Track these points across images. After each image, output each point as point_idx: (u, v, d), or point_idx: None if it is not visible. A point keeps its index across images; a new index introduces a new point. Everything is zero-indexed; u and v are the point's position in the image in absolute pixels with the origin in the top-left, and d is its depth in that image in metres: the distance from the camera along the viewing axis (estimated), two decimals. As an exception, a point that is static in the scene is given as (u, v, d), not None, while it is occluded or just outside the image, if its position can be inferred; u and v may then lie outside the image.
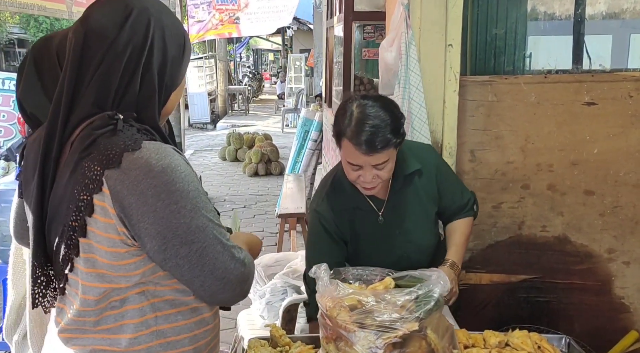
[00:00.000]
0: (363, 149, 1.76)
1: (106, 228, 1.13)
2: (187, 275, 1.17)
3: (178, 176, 1.13)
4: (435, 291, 1.57)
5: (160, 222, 1.11)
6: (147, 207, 1.10)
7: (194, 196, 1.15)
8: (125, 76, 1.17)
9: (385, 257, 2.00)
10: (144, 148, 1.12)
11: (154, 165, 1.11)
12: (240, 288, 1.23)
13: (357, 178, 1.85)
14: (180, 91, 1.30)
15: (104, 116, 1.15)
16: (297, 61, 17.76)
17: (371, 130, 1.74)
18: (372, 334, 1.51)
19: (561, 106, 2.51)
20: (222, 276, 1.19)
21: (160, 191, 1.11)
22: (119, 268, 1.15)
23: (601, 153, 2.51)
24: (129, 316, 1.19)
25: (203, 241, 1.15)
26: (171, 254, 1.14)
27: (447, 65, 2.47)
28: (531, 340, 1.75)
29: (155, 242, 1.13)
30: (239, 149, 10.68)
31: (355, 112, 1.78)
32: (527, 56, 3.09)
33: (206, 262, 1.16)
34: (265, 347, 1.75)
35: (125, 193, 1.10)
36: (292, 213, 5.18)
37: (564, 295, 2.61)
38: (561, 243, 2.59)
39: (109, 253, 1.14)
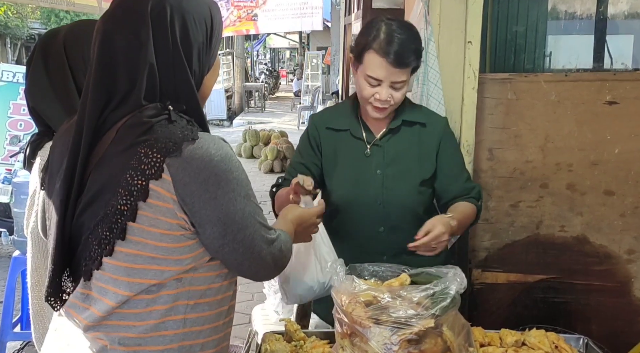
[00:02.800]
0: (391, 60, 1.79)
1: (163, 212, 1.16)
2: (239, 258, 1.24)
3: (234, 166, 1.20)
4: (452, 289, 1.56)
5: (221, 209, 1.18)
6: (209, 195, 1.16)
7: (246, 184, 1.24)
8: (161, 68, 1.19)
9: (358, 195, 1.97)
10: (202, 138, 1.18)
11: (214, 154, 1.17)
12: (275, 266, 1.34)
13: (372, 95, 1.85)
14: (214, 74, 1.33)
15: (156, 106, 1.18)
16: (314, 58, 17.76)
17: (401, 43, 1.80)
18: (387, 330, 1.50)
19: (582, 105, 2.48)
20: (265, 257, 1.28)
21: (220, 180, 1.17)
22: (172, 251, 1.19)
23: (622, 152, 2.48)
24: (161, 301, 1.21)
25: (253, 225, 1.24)
26: (230, 239, 1.21)
27: (466, 62, 2.44)
28: (548, 339, 1.73)
29: (216, 228, 1.19)
30: (254, 146, 10.71)
31: (384, 27, 1.82)
32: (547, 54, 3.06)
33: (256, 245, 1.25)
34: (280, 341, 1.75)
35: (188, 181, 1.15)
36: (307, 210, 5.17)
37: (582, 296, 2.58)
38: (580, 244, 2.56)
39: (164, 235, 1.17)
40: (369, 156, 1.98)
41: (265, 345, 1.73)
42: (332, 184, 2.02)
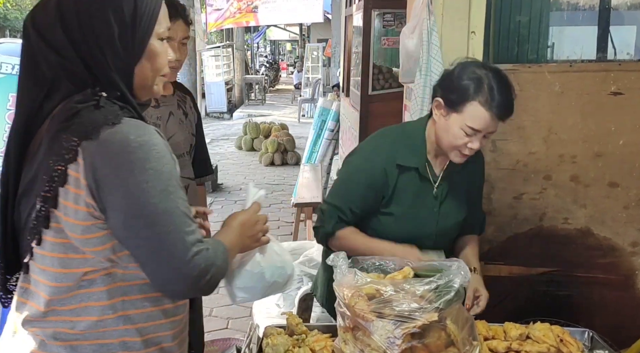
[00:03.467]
0: (496, 113, 1.76)
1: (76, 200, 1.13)
2: (143, 257, 1.15)
3: (154, 155, 1.13)
4: (456, 282, 1.54)
5: (129, 197, 1.11)
6: (119, 181, 1.10)
7: (167, 179, 1.14)
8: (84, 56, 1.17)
9: (413, 231, 1.97)
10: (124, 123, 1.13)
11: (132, 140, 1.12)
12: (196, 283, 1.18)
13: (464, 145, 1.82)
14: (151, 64, 1.25)
15: (86, 92, 1.16)
16: (315, 50, 17.70)
17: (505, 96, 1.77)
18: (390, 324, 1.49)
19: (586, 95, 2.45)
20: (176, 267, 1.15)
21: (134, 168, 1.11)
22: (85, 242, 1.15)
23: (627, 144, 2.45)
24: (95, 298, 1.18)
25: (167, 226, 1.13)
26: (133, 233, 1.13)
27: (470, 52, 2.42)
28: (553, 333, 1.71)
29: (119, 218, 1.12)
30: (255, 139, 10.68)
31: (486, 79, 1.77)
32: (549, 45, 3.03)
33: (164, 249, 1.14)
34: (281, 335, 1.73)
35: (100, 165, 1.11)
36: (308, 203, 5.16)
37: (585, 289, 2.56)
38: (583, 236, 2.54)
39: (76, 225, 1.14)
40: (434, 195, 1.97)
41: (266, 339, 1.71)
42: (388, 220, 1.97)
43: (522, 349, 1.70)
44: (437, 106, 1.86)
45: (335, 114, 6.95)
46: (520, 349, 1.70)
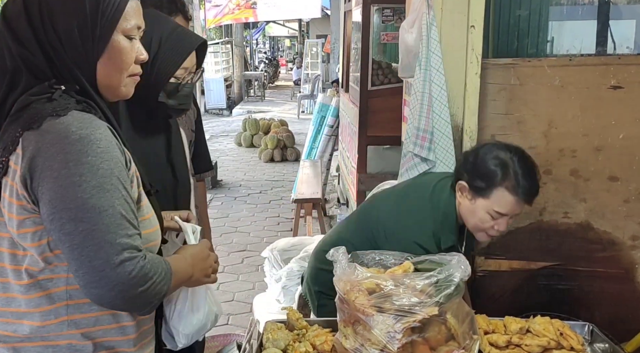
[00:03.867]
0: (523, 198, 1.78)
1: (11, 192, 1.10)
2: (66, 254, 1.09)
3: (93, 150, 1.08)
4: (456, 276, 1.54)
5: (57, 190, 1.06)
6: (51, 172, 1.06)
7: (104, 176, 1.08)
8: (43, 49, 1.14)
9: None
10: (70, 115, 1.10)
11: (72, 132, 1.08)
12: (125, 291, 1.09)
13: (490, 227, 1.84)
14: (114, 62, 1.19)
15: (43, 85, 1.13)
16: (314, 46, 17.67)
17: (532, 181, 1.79)
18: (390, 318, 1.49)
19: (586, 89, 2.44)
20: (100, 269, 1.07)
21: (69, 159, 1.06)
22: (22, 237, 1.11)
23: (627, 138, 2.44)
24: (36, 302, 1.14)
25: (93, 224, 1.07)
26: (56, 226, 1.07)
27: (469, 47, 2.41)
28: (554, 326, 1.71)
29: (45, 209, 1.07)
30: (254, 135, 10.68)
31: (515, 161, 1.78)
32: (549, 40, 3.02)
33: (87, 247, 1.07)
34: (281, 330, 1.73)
35: (35, 154, 1.07)
36: (308, 199, 5.16)
37: (586, 282, 2.56)
38: (583, 230, 2.54)
39: (11, 220, 1.11)
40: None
41: (267, 334, 1.71)
42: None
43: (523, 343, 1.70)
44: (462, 189, 1.87)
45: (335, 110, 6.94)
46: (520, 343, 1.70)
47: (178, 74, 1.60)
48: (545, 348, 1.69)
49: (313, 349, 1.65)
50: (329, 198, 7.12)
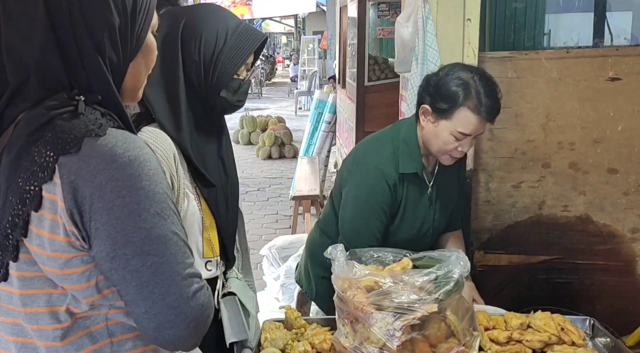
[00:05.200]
0: (485, 116, 1.77)
1: (52, 228, 0.93)
2: (132, 294, 0.95)
3: (146, 173, 0.94)
4: (455, 272, 1.52)
5: (114, 223, 0.92)
6: (103, 203, 0.91)
7: (161, 200, 0.95)
8: (64, 53, 0.97)
9: (414, 231, 1.98)
10: (109, 135, 0.94)
11: (119, 155, 0.93)
12: (197, 327, 0.99)
13: (454, 149, 1.83)
14: (145, 61, 1.08)
15: (61, 96, 0.96)
16: (310, 43, 17.65)
17: (493, 98, 1.78)
18: (389, 316, 1.47)
19: (584, 81, 2.43)
20: (175, 305, 0.95)
21: (122, 187, 0.92)
22: (65, 279, 0.95)
23: (625, 130, 2.43)
24: (78, 344, 1.00)
25: (161, 256, 0.94)
26: (119, 264, 0.93)
27: (465, 40, 2.39)
28: (554, 321, 1.70)
29: (103, 247, 0.93)
30: (252, 132, 10.66)
31: (476, 81, 1.78)
32: (546, 33, 3.01)
33: (159, 283, 0.94)
34: (280, 329, 1.72)
35: (80, 184, 0.91)
36: (306, 196, 5.15)
37: (586, 276, 2.55)
38: (583, 223, 2.53)
39: (52, 259, 0.94)
40: (429, 194, 1.98)
41: (265, 333, 1.70)
42: (394, 227, 1.97)
43: (523, 339, 1.68)
44: (425, 113, 1.85)
45: (332, 106, 6.93)
46: (521, 339, 1.68)
47: (239, 70, 1.55)
48: (547, 343, 1.67)
49: (312, 348, 1.64)
50: (327, 195, 7.10)
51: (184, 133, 1.47)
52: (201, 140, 1.53)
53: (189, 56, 1.47)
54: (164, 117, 1.45)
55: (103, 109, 0.99)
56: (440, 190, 2.00)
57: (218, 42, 1.49)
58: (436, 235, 2.07)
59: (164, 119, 1.45)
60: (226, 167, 1.61)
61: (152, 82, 1.44)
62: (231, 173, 1.64)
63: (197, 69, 1.48)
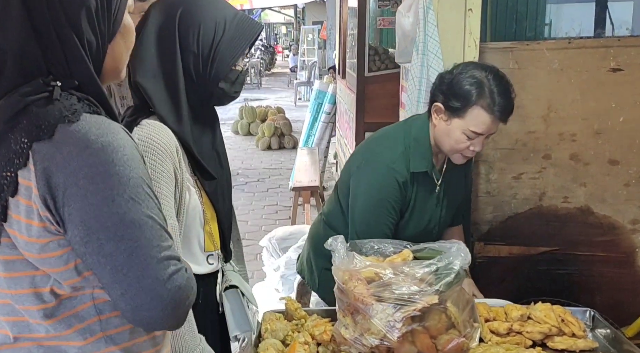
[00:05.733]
0: (499, 116, 1.77)
1: (28, 213, 0.95)
2: (107, 277, 0.97)
3: (119, 158, 0.95)
4: (456, 264, 1.52)
5: (87, 209, 0.93)
6: (77, 189, 0.93)
7: (135, 185, 0.97)
8: (40, 37, 0.97)
9: (422, 228, 1.99)
10: (83, 120, 0.95)
11: (92, 141, 0.94)
12: (174, 309, 1.00)
13: (466, 148, 1.82)
14: (123, 42, 1.08)
15: (37, 82, 0.97)
16: (310, 33, 17.59)
17: (506, 98, 1.77)
18: (390, 307, 1.47)
19: (585, 72, 2.41)
20: (150, 288, 0.96)
21: (96, 173, 0.93)
22: (44, 262, 0.98)
23: (627, 121, 2.42)
24: (66, 323, 1.02)
25: (135, 240, 0.96)
26: (93, 249, 0.95)
27: (467, 31, 2.37)
28: (555, 313, 1.70)
29: (77, 232, 0.94)
30: (251, 123, 10.64)
31: (490, 80, 1.77)
32: (547, 23, 2.99)
33: (134, 266, 0.96)
34: (280, 320, 1.72)
35: (54, 171, 0.93)
36: (305, 187, 5.15)
37: (586, 267, 2.55)
38: (583, 215, 2.52)
39: (29, 243, 0.96)
40: (437, 193, 1.99)
41: (265, 324, 1.70)
42: (401, 224, 1.98)
43: (524, 330, 1.68)
44: (437, 111, 1.85)
45: (332, 97, 6.91)
46: (521, 330, 1.69)
47: (238, 61, 1.53)
48: (547, 335, 1.68)
49: (312, 339, 1.64)
50: (327, 186, 7.10)
51: (185, 126, 1.45)
52: (198, 132, 1.51)
53: (187, 47, 1.44)
54: (164, 110, 1.43)
55: (80, 94, 0.99)
56: (447, 188, 2.00)
57: (217, 33, 1.46)
58: (442, 231, 2.08)
59: (165, 112, 1.42)
60: (221, 158, 1.60)
61: (150, 74, 1.43)
62: (225, 164, 1.63)
63: (196, 61, 1.45)
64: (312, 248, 2.22)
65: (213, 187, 1.54)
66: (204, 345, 1.43)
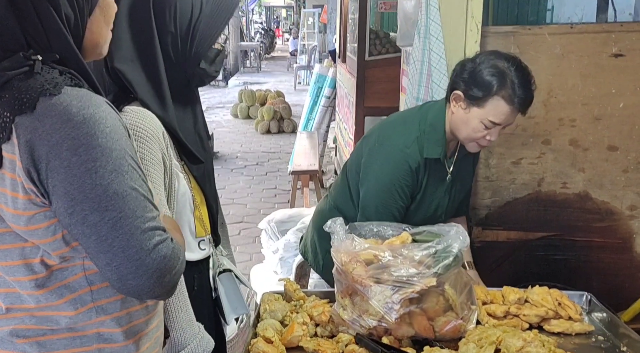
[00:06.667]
0: (518, 107, 1.78)
1: (13, 186, 0.97)
2: (92, 248, 0.99)
3: (102, 130, 0.96)
4: (454, 247, 1.53)
5: (71, 180, 0.95)
6: (60, 161, 0.94)
7: (118, 157, 0.98)
8: (18, 11, 0.98)
9: (429, 214, 2.01)
10: (64, 93, 0.96)
11: (74, 113, 0.95)
12: (160, 278, 1.01)
13: (482, 137, 1.83)
14: (103, 17, 1.08)
15: (17, 56, 0.98)
16: (310, 17, 17.46)
17: (527, 90, 1.78)
18: (388, 289, 1.48)
19: (587, 57, 2.40)
20: (135, 257, 0.98)
21: (78, 145, 0.94)
22: (31, 234, 1.00)
23: (627, 107, 2.42)
24: (57, 294, 1.04)
25: (119, 211, 0.97)
26: (77, 220, 0.96)
27: (469, 14, 2.35)
28: (552, 296, 1.71)
29: (61, 203, 0.96)
30: (251, 107, 10.61)
31: (512, 71, 1.77)
32: (549, 8, 2.97)
33: (118, 236, 0.97)
34: (279, 301, 1.73)
35: (37, 144, 0.94)
36: (305, 171, 5.15)
37: (583, 252, 2.56)
38: (582, 200, 2.53)
39: (15, 216, 0.98)
40: (448, 180, 2.00)
41: (264, 304, 1.71)
42: (411, 210, 1.99)
43: (521, 313, 1.70)
44: (457, 99, 1.84)
45: (332, 81, 6.88)
46: (518, 313, 1.70)
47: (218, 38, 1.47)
48: (544, 318, 1.69)
49: (310, 320, 1.65)
50: (326, 170, 7.10)
51: (169, 110, 1.40)
52: (180, 115, 1.46)
53: (164, 28, 1.38)
54: (146, 95, 1.38)
55: (62, 68, 1.01)
56: (457, 177, 2.02)
57: (194, 11, 1.41)
58: (447, 220, 2.08)
59: (147, 98, 1.37)
60: (204, 141, 1.55)
61: (127, 58, 1.37)
62: (208, 146, 1.59)
63: (174, 41, 1.40)
64: (316, 230, 2.23)
65: (201, 171, 1.50)
66: (202, 333, 1.42)
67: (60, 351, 1.07)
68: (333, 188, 2.24)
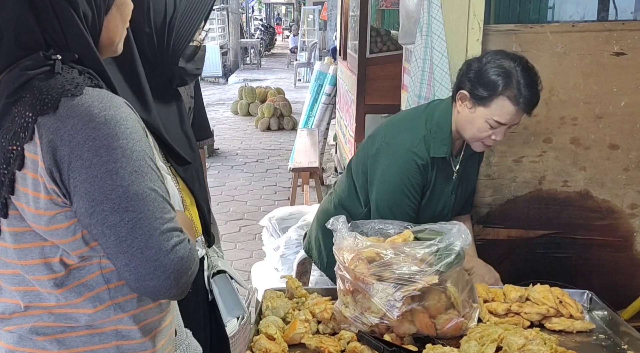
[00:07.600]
0: (524, 108, 1.78)
1: (35, 186, 0.97)
2: (111, 248, 0.99)
3: (123, 132, 0.97)
4: (456, 245, 1.53)
5: (92, 181, 0.96)
6: (81, 162, 0.95)
7: (138, 158, 0.99)
8: (37, 11, 0.98)
9: (435, 213, 2.01)
10: (86, 94, 0.97)
11: (96, 114, 0.96)
12: (178, 279, 1.02)
13: (488, 137, 1.83)
14: (120, 15, 1.09)
15: (37, 55, 0.98)
16: (310, 14, 17.45)
17: (534, 91, 1.77)
18: (390, 287, 1.49)
19: (588, 56, 2.41)
20: (153, 258, 0.99)
21: (100, 146, 0.95)
22: (52, 234, 1.00)
23: (629, 105, 2.42)
24: (76, 292, 1.05)
25: (139, 212, 0.98)
26: (98, 220, 0.97)
27: (471, 12, 2.35)
28: (553, 294, 1.71)
29: (82, 203, 0.97)
30: (251, 104, 10.60)
31: (518, 71, 1.76)
32: (551, 6, 2.97)
33: (137, 237, 0.98)
34: (281, 298, 1.73)
35: (59, 144, 0.95)
36: (305, 168, 5.15)
37: (583, 250, 2.56)
38: (582, 199, 2.53)
39: (37, 216, 0.99)
40: (454, 179, 2.01)
41: (266, 301, 1.71)
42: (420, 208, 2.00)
43: (522, 311, 1.70)
44: (462, 98, 1.85)
45: (333, 78, 6.87)
46: (519, 311, 1.71)
47: (195, 36, 1.45)
48: (545, 316, 1.70)
49: (312, 317, 1.65)
50: (326, 167, 7.10)
51: (152, 112, 1.36)
52: (164, 116, 1.43)
53: (139, 29, 1.35)
54: (128, 99, 1.29)
55: (80, 67, 1.01)
56: (463, 175, 2.03)
57: (168, 8, 1.38)
58: (452, 217, 2.10)
59: (130, 101, 1.33)
60: (191, 141, 1.54)
61: (104, 62, 1.36)
62: (195, 147, 1.57)
63: (150, 41, 1.37)
64: (320, 228, 2.23)
65: (189, 172, 1.48)
66: (190, 340, 1.39)
67: (79, 348, 1.08)
68: (337, 186, 2.24)
